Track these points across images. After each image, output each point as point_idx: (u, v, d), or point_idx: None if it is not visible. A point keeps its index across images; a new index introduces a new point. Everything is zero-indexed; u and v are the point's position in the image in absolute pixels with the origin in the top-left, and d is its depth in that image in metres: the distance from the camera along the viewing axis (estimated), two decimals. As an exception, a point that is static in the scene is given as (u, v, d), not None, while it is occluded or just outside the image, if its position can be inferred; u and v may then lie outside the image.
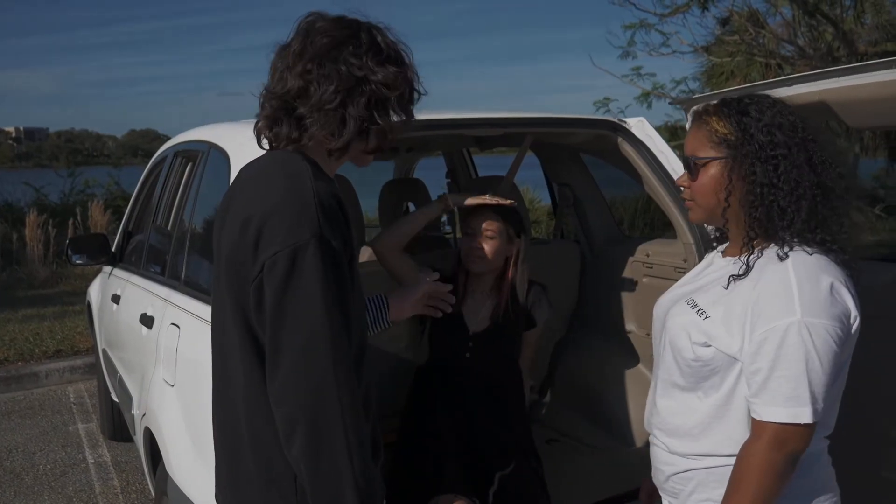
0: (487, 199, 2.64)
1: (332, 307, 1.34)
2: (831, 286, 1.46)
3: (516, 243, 2.71)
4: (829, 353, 1.43)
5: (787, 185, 1.52)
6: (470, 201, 2.66)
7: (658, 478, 1.76)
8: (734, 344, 1.51)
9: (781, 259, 1.51)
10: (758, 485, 1.45)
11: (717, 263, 1.68)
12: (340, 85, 1.43)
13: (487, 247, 2.66)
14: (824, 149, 1.56)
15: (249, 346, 1.41)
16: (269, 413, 1.37)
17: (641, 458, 1.99)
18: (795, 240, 1.52)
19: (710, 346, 1.54)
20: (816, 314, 1.43)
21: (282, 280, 1.33)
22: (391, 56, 1.48)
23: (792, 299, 1.44)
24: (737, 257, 1.60)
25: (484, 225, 2.67)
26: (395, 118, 1.51)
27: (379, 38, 1.48)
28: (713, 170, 1.59)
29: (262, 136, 1.54)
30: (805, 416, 1.43)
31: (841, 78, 1.96)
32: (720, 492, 1.54)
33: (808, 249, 1.51)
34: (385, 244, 2.65)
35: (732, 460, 1.52)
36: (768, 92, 2.09)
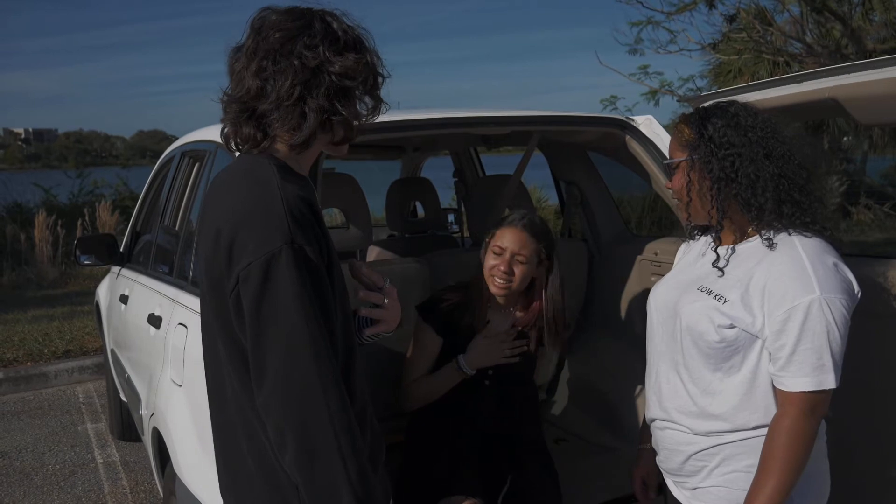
0: (503, 356, 2.48)
1: (310, 313, 1.31)
2: (835, 265, 1.61)
3: (545, 264, 2.47)
4: (844, 323, 1.58)
5: (745, 180, 1.65)
6: (483, 362, 2.47)
7: (673, 460, 1.79)
8: (756, 323, 1.62)
9: (786, 244, 1.62)
10: (793, 452, 1.57)
11: (713, 254, 1.77)
12: (296, 78, 1.39)
13: (517, 271, 2.41)
14: (784, 144, 1.67)
15: (237, 356, 1.39)
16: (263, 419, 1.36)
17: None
18: (787, 225, 1.64)
19: (734, 327, 1.63)
20: (832, 290, 1.57)
21: (257, 290, 1.31)
22: (349, 43, 1.42)
23: (809, 278, 1.57)
24: (729, 246, 1.72)
25: (517, 248, 2.40)
26: (363, 106, 1.47)
27: (335, 26, 1.43)
28: (680, 170, 1.74)
29: (230, 140, 1.50)
30: (829, 382, 1.57)
31: (849, 75, 1.96)
32: (747, 462, 1.66)
33: (806, 234, 1.63)
34: (417, 400, 2.56)
35: (760, 432, 1.63)
36: (775, 89, 2.10)
